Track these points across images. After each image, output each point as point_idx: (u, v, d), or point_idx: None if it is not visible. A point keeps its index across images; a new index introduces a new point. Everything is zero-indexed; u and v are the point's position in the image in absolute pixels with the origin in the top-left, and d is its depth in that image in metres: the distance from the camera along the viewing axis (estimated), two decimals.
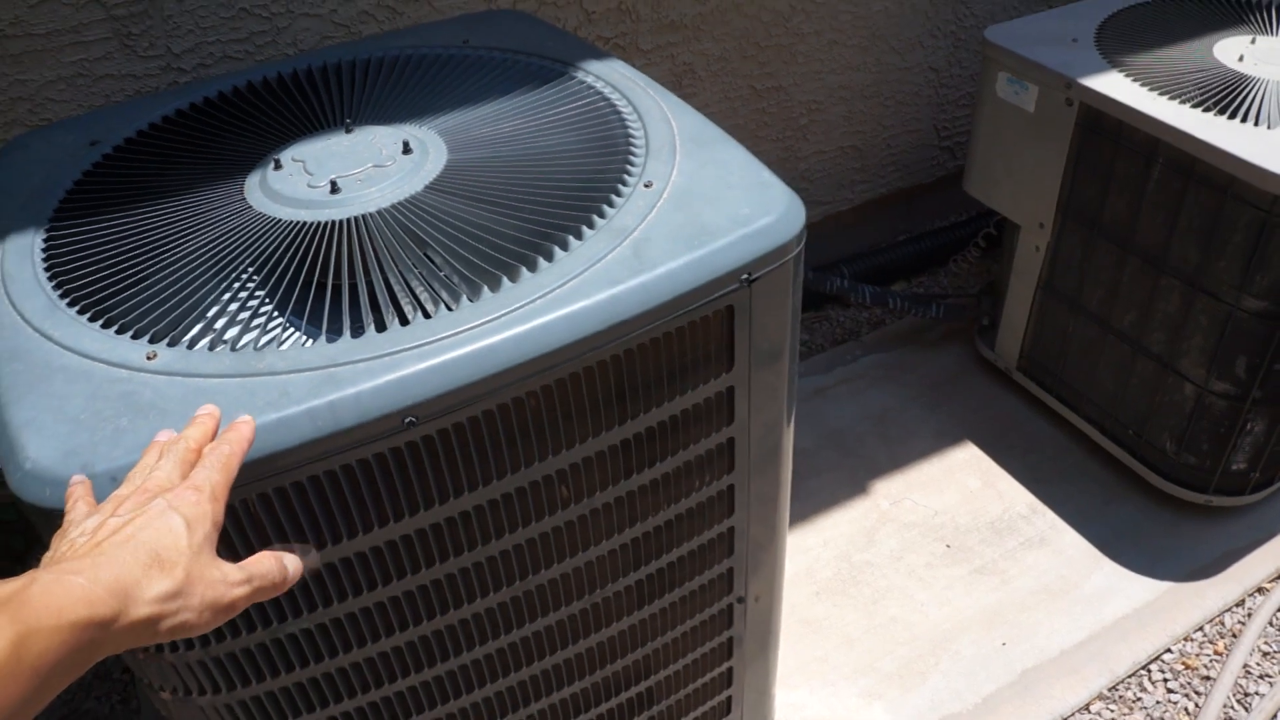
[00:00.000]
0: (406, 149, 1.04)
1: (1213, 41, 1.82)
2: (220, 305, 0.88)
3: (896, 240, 2.61)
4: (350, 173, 1.02)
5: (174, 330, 0.85)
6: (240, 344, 0.83)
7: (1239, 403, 1.75)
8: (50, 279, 0.93)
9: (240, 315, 0.87)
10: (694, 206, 0.95)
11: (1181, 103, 1.65)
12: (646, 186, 0.98)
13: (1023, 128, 1.89)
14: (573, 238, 0.92)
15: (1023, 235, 2.01)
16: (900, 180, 2.64)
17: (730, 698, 1.35)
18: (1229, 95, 1.65)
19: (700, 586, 1.16)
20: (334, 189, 0.99)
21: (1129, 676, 1.71)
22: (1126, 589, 1.83)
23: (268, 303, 0.89)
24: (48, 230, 1.00)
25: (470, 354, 0.81)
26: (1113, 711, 1.67)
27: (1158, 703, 1.68)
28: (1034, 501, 1.99)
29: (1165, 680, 1.71)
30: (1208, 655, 1.74)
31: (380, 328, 0.84)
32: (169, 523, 0.63)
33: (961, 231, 2.58)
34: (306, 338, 0.85)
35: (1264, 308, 1.63)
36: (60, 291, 0.91)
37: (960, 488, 2.03)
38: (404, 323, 0.85)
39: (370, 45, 1.31)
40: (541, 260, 0.90)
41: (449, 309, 0.86)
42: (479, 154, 1.05)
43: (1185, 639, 1.76)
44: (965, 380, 2.29)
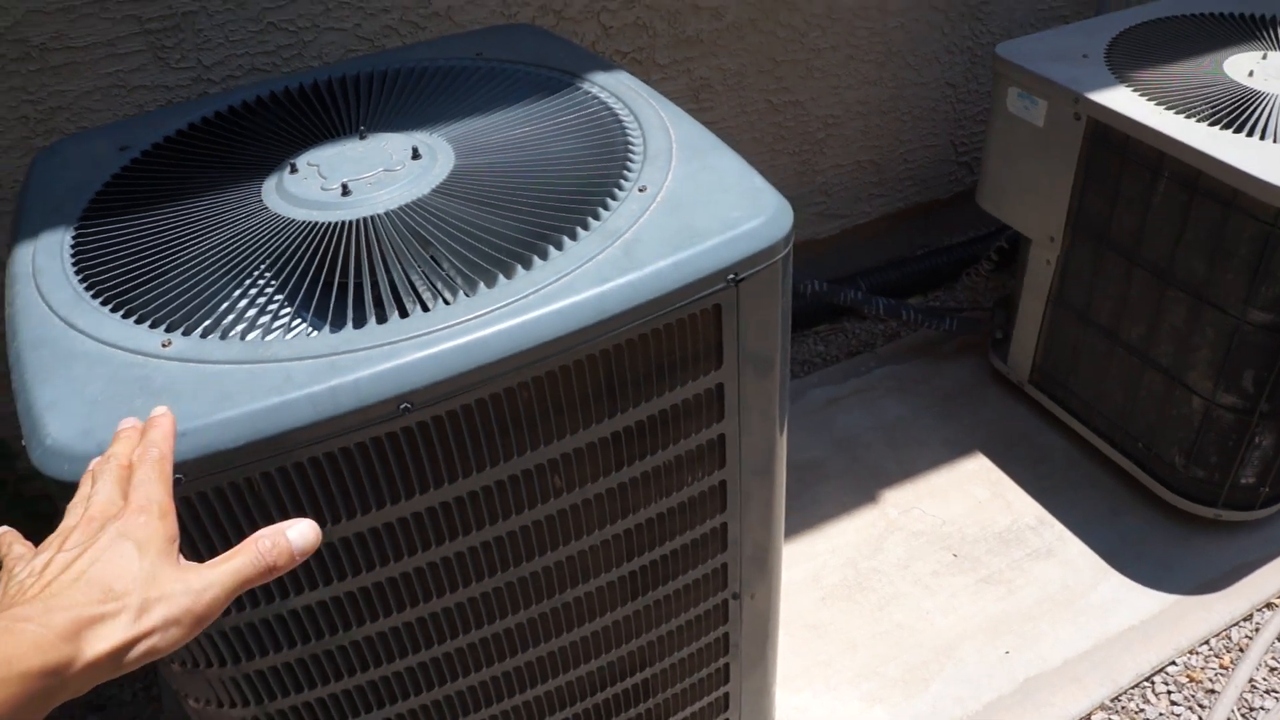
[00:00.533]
0: (416, 155, 1.10)
1: (1224, 57, 1.84)
2: (233, 298, 0.94)
3: (914, 254, 2.64)
4: (361, 176, 1.07)
5: (188, 320, 0.90)
6: (249, 333, 0.89)
7: (1246, 416, 1.76)
8: (77, 273, 0.98)
9: (251, 307, 0.93)
10: (685, 210, 1.00)
11: (1188, 117, 1.67)
12: (641, 191, 1.03)
13: (1032, 142, 1.91)
14: (567, 238, 0.96)
15: (1034, 249, 2.04)
16: (918, 195, 2.67)
17: (727, 694, 1.38)
18: (1238, 110, 1.67)
19: (694, 581, 1.19)
20: (345, 191, 1.04)
21: (1132, 687, 1.72)
22: (1133, 601, 1.84)
23: (277, 296, 0.94)
24: (76, 228, 1.06)
25: (464, 345, 0.86)
26: None
27: (1161, 714, 1.68)
28: (1042, 513, 2.01)
29: (1169, 692, 1.71)
30: (1213, 669, 1.75)
31: (381, 320, 0.89)
32: (119, 550, 0.61)
33: (979, 247, 2.60)
34: (311, 328, 0.90)
35: (1270, 320, 1.64)
36: (85, 284, 0.96)
37: (969, 498, 2.05)
38: (404, 315, 0.89)
39: (388, 57, 1.37)
40: (536, 259, 0.94)
41: (446, 303, 0.90)
42: (485, 159, 1.10)
43: (1191, 652, 1.77)
44: (977, 392, 2.30)
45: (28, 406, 0.84)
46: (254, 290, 0.95)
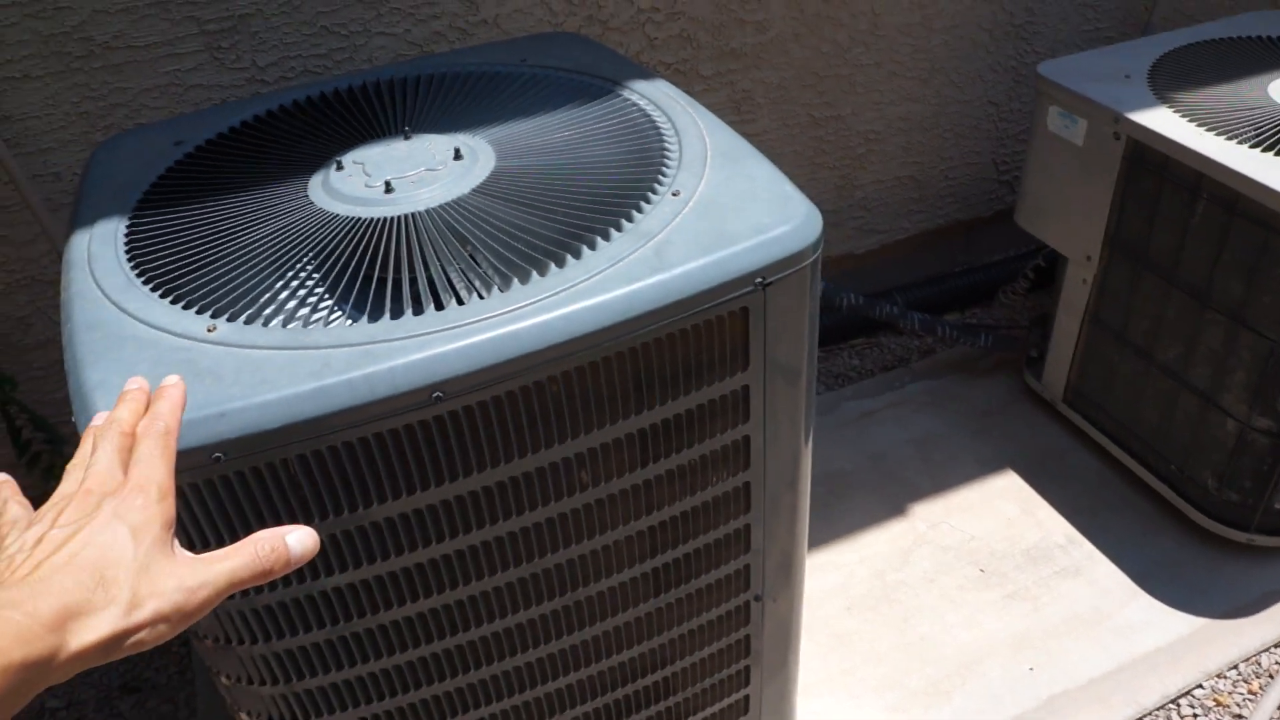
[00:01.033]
0: (458, 155, 1.13)
1: (1269, 81, 1.83)
2: (276, 288, 0.97)
3: (952, 271, 2.64)
4: (404, 175, 1.10)
5: (233, 307, 0.94)
6: (290, 321, 0.92)
7: None
8: (129, 260, 1.03)
9: (292, 297, 0.96)
10: (716, 214, 1.02)
11: (1229, 139, 1.66)
12: (674, 195, 1.05)
13: (1072, 161, 1.92)
14: (600, 239, 0.99)
15: (1071, 268, 2.03)
16: (958, 212, 2.67)
17: (747, 697, 1.39)
18: None
19: (716, 581, 1.21)
20: (388, 189, 1.08)
21: (1157, 709, 1.71)
22: (1161, 622, 1.83)
23: (318, 288, 0.98)
24: (130, 217, 1.10)
25: (496, 338, 0.88)
26: None
27: None
28: (1072, 531, 2.00)
29: (1195, 715, 1.70)
30: (1241, 693, 1.73)
31: (417, 311, 0.92)
32: (114, 535, 0.60)
33: (1017, 265, 2.59)
34: (350, 319, 0.93)
35: None
36: (137, 271, 1.01)
37: (998, 514, 2.05)
38: (439, 308, 0.92)
39: (435, 61, 1.41)
40: (570, 258, 0.97)
41: (481, 297, 0.93)
42: (524, 161, 1.13)
43: (1219, 675, 1.76)
44: (1011, 410, 2.30)
45: (78, 385, 0.88)
46: (296, 281, 0.98)
